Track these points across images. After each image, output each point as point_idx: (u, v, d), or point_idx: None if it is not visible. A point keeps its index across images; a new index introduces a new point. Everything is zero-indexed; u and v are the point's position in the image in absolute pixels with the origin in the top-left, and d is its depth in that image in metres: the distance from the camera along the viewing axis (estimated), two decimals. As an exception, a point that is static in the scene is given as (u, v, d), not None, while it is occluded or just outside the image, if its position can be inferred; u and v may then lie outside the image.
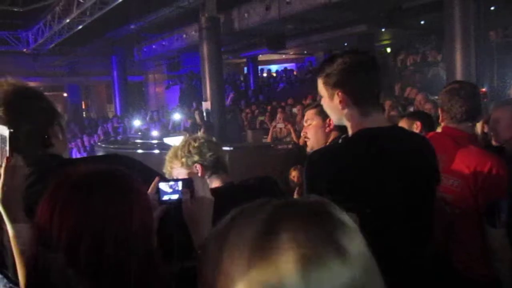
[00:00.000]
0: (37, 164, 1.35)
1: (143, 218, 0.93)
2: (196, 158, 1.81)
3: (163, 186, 1.16)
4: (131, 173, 0.98)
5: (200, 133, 1.96)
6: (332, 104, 1.57)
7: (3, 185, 1.17)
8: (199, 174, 1.79)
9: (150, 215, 0.98)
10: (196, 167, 1.80)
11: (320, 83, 1.60)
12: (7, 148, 1.20)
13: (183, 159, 1.82)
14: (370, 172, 1.46)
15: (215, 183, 1.81)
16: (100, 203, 0.89)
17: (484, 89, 6.79)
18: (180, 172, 1.84)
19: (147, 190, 1.12)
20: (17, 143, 1.34)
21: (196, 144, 1.82)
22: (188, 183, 1.17)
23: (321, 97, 1.65)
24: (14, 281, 1.37)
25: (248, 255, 0.52)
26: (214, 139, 1.93)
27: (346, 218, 0.58)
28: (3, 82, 1.38)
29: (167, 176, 1.86)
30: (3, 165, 1.18)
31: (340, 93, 1.53)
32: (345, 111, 1.55)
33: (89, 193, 0.89)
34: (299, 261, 0.50)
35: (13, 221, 1.16)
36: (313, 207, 0.58)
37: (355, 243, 0.55)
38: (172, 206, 1.16)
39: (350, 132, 1.58)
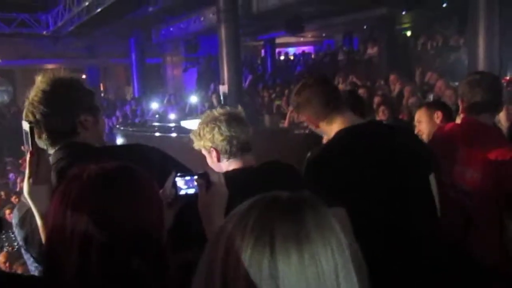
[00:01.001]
0: (66, 152, 1.43)
1: (154, 216, 0.95)
2: (208, 143, 1.76)
3: (179, 180, 1.18)
4: (144, 169, 0.98)
5: (221, 110, 1.88)
6: (310, 124, 1.85)
7: (29, 177, 1.21)
8: (215, 158, 1.76)
9: (161, 212, 0.99)
10: (212, 150, 1.77)
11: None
12: (29, 142, 1.24)
13: (200, 142, 1.80)
14: (348, 172, 1.57)
15: (233, 165, 1.77)
16: (111, 201, 0.90)
17: (508, 77, 6.62)
18: (200, 149, 1.83)
19: (160, 185, 1.13)
20: (41, 134, 1.41)
21: (208, 128, 1.75)
22: (203, 176, 1.18)
23: None
24: (39, 261, 1.44)
25: (240, 246, 0.68)
26: (241, 113, 1.82)
27: (325, 216, 0.71)
28: (48, 73, 1.48)
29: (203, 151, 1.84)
30: (27, 158, 1.23)
31: (304, 115, 1.82)
32: (319, 127, 1.80)
33: (101, 192, 0.90)
34: (271, 254, 0.66)
35: (40, 212, 1.21)
36: (295, 206, 0.71)
37: (328, 241, 0.68)
38: (189, 200, 1.19)
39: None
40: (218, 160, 1.76)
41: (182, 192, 1.18)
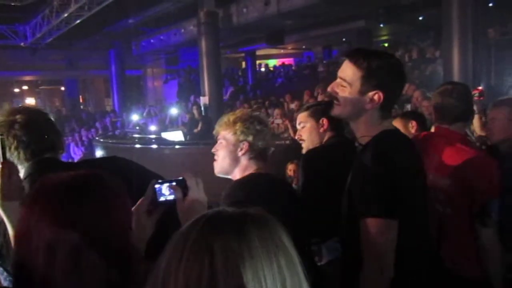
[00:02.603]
0: (42, 165, 1.51)
1: (122, 222, 0.94)
2: (250, 138, 1.76)
3: (159, 187, 1.18)
4: (111, 177, 0.98)
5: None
6: (357, 97, 1.49)
7: (1, 189, 1.22)
8: (243, 152, 1.76)
9: (129, 219, 0.99)
10: (244, 144, 1.76)
11: (355, 71, 1.49)
12: (0, 153, 1.26)
13: (239, 130, 1.76)
14: (413, 173, 1.50)
15: (250, 168, 1.78)
16: (75, 207, 0.89)
17: (480, 88, 6.80)
18: (225, 138, 1.79)
19: (138, 195, 1.14)
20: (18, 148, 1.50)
21: (258, 128, 1.77)
22: (181, 182, 1.18)
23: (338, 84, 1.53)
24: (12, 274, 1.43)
25: (180, 255, 0.67)
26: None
27: (271, 231, 0.70)
28: (24, 107, 1.65)
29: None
30: None
31: (380, 94, 1.47)
32: (370, 111, 1.50)
33: (65, 202, 0.90)
34: (211, 272, 0.64)
35: (12, 222, 1.20)
36: (239, 222, 0.70)
37: (275, 256, 0.67)
38: (169, 206, 1.18)
39: (362, 131, 1.55)
40: (243, 154, 1.76)
41: (162, 199, 1.18)
